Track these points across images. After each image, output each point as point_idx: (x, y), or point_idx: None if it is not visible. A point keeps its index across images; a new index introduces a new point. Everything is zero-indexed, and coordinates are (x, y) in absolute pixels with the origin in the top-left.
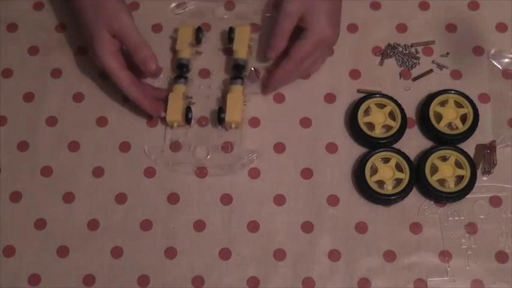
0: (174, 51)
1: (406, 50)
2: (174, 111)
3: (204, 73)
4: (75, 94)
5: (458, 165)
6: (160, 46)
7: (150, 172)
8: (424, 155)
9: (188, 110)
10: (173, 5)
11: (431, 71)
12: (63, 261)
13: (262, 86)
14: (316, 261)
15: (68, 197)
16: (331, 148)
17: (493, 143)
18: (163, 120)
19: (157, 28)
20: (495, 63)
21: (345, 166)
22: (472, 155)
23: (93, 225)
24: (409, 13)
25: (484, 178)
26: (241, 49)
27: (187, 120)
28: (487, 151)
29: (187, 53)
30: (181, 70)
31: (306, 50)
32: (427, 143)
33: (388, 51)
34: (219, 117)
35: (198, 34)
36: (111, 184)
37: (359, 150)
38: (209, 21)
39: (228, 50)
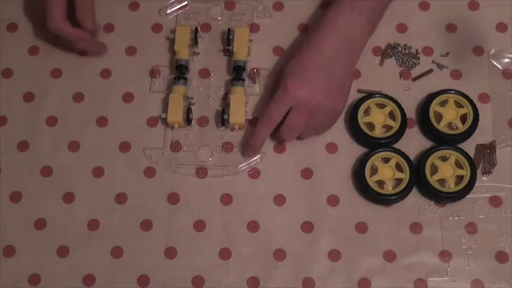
0: (172, 52)
1: (406, 50)
2: (175, 112)
3: (204, 74)
4: (75, 94)
5: (458, 165)
6: (160, 46)
7: (150, 172)
8: (424, 155)
9: (189, 110)
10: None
11: (431, 71)
12: (63, 261)
13: (242, 148)
14: (316, 261)
15: (68, 197)
16: (331, 148)
17: (493, 143)
18: (164, 121)
19: (157, 28)
20: (495, 63)
21: (345, 166)
22: (472, 155)
23: (93, 225)
24: (409, 13)
25: (484, 178)
26: (241, 50)
27: (188, 121)
28: (487, 151)
29: (186, 54)
30: (180, 71)
31: (273, 109)
32: (427, 143)
33: (388, 51)
34: (222, 119)
35: (195, 35)
36: (111, 184)
37: (359, 150)
38: (208, 21)
39: (226, 51)
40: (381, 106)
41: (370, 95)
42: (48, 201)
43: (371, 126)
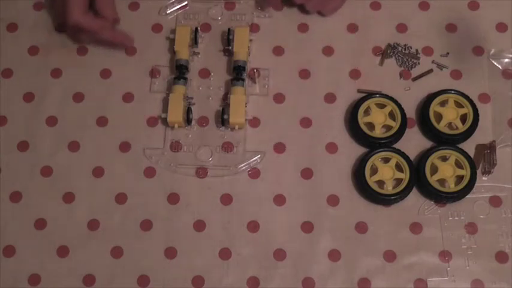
0: (172, 52)
1: (406, 50)
2: (175, 112)
3: (204, 74)
4: (75, 94)
5: (458, 165)
6: (160, 46)
7: (150, 172)
8: (424, 155)
9: (189, 110)
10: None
11: (431, 71)
12: (63, 261)
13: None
14: (316, 261)
15: (68, 197)
16: (331, 148)
17: (493, 143)
18: (164, 121)
19: (157, 28)
20: (495, 63)
21: (345, 166)
22: (472, 155)
23: (93, 225)
24: (409, 13)
25: (484, 178)
26: (241, 50)
27: (188, 121)
28: (487, 151)
29: (186, 54)
30: (180, 71)
31: None
32: (427, 143)
33: (388, 51)
34: (222, 119)
35: (195, 35)
36: (111, 184)
37: (359, 150)
38: (208, 21)
39: (226, 51)
40: (381, 106)
41: (370, 95)
42: (48, 201)
43: (371, 126)
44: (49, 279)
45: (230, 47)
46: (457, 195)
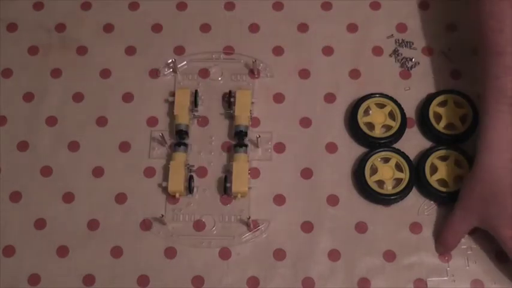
0: (171, 115)
1: (406, 48)
2: (176, 181)
3: (204, 137)
4: (75, 94)
5: (458, 165)
6: (160, 47)
7: (150, 172)
8: (424, 155)
9: (190, 179)
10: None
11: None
12: (63, 261)
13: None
14: (316, 261)
15: (68, 197)
16: (331, 148)
17: None
18: (165, 189)
19: (157, 28)
20: None
21: (345, 166)
22: (472, 155)
23: (93, 225)
24: (409, 13)
25: None
26: (243, 115)
27: (190, 189)
28: None
29: (186, 119)
30: (180, 137)
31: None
32: (426, 143)
33: (395, 49)
34: (224, 187)
35: (195, 98)
36: (111, 184)
37: (359, 150)
38: (208, 82)
39: (228, 114)
40: (381, 106)
41: (370, 94)
42: (48, 201)
43: (371, 126)
44: (49, 279)
45: (231, 111)
46: (457, 195)
